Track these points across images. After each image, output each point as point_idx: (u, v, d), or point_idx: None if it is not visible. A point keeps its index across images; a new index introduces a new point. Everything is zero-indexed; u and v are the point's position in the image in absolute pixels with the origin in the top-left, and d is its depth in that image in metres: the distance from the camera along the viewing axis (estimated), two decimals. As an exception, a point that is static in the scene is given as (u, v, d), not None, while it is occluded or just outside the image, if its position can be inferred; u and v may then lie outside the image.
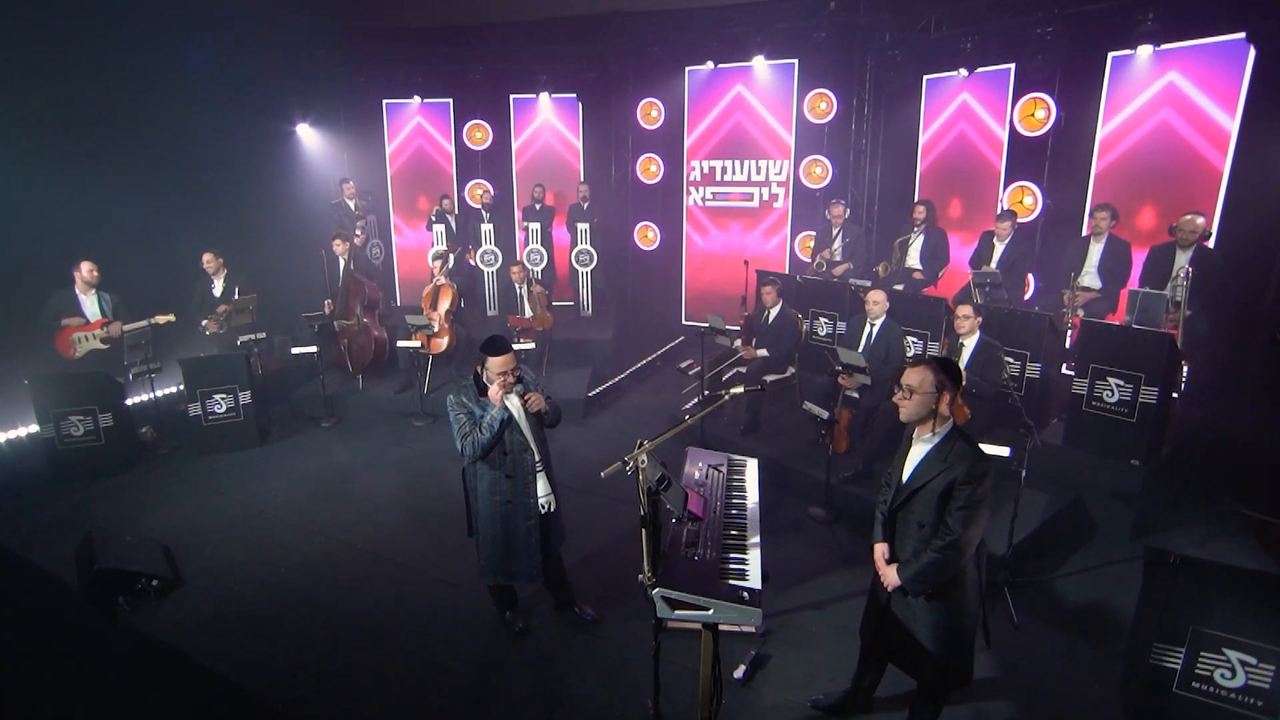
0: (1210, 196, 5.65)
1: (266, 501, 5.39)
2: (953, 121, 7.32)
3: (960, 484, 2.51)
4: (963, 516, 2.51)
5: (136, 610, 4.10)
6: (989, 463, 2.53)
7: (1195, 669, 2.89)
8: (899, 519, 2.77)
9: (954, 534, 2.52)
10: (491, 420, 3.32)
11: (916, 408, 2.64)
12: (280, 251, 8.21)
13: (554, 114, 9.30)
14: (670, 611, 2.39)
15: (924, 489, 2.63)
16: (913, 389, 2.64)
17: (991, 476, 2.54)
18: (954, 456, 2.56)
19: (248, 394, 6.24)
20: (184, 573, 4.47)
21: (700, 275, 9.42)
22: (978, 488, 2.50)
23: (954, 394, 2.62)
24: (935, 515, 2.59)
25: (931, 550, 2.57)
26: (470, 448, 3.34)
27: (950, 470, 2.55)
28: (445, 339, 7.07)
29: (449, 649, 3.76)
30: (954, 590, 2.66)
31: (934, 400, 2.61)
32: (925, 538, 2.63)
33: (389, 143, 9.37)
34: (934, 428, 2.65)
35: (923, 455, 2.67)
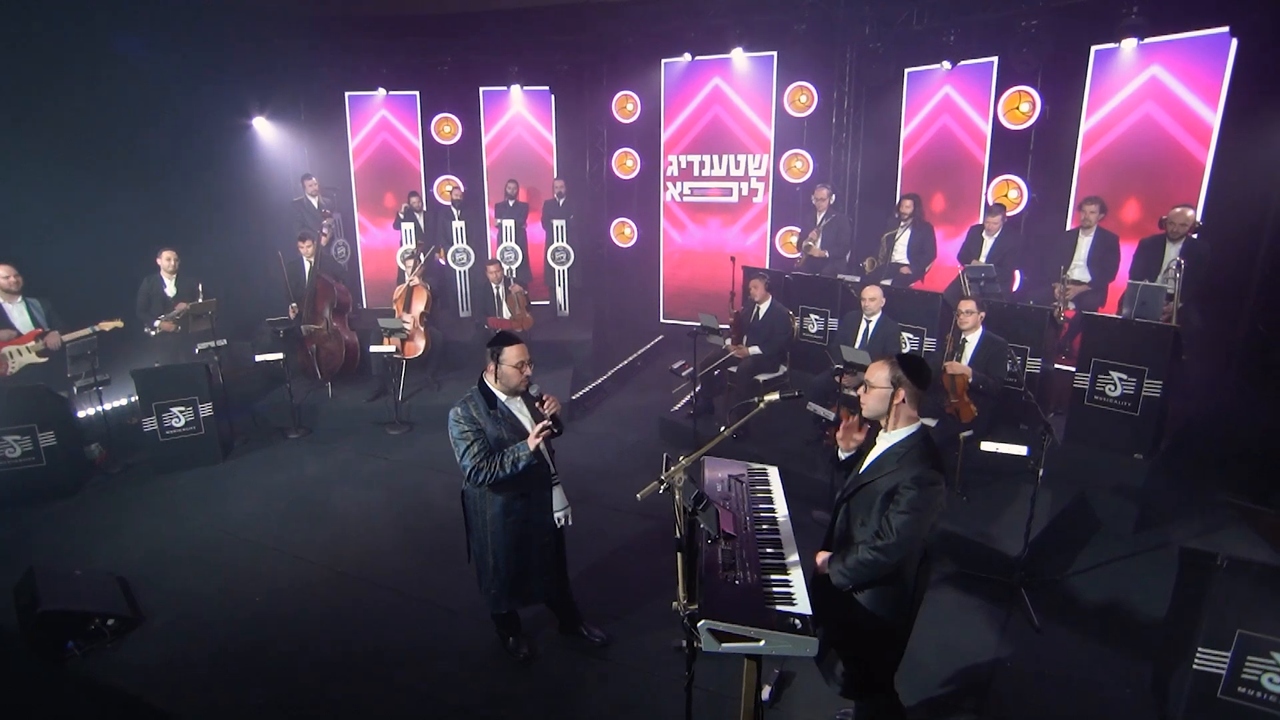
0: (1193, 189, 5.70)
1: (234, 523, 4.98)
2: (935, 115, 7.28)
3: (905, 487, 2.41)
4: (901, 520, 2.40)
5: (90, 654, 3.69)
6: (938, 474, 2.43)
7: (1242, 674, 2.80)
8: (843, 511, 2.68)
9: (888, 538, 2.42)
10: (517, 460, 3.04)
11: (872, 402, 2.56)
12: (238, 252, 7.70)
13: (526, 107, 8.98)
14: (717, 645, 2.17)
15: (869, 485, 2.54)
16: (869, 384, 2.57)
17: (940, 490, 2.44)
18: (908, 460, 2.45)
19: (208, 406, 5.79)
20: (144, 608, 4.06)
21: (678, 272, 9.23)
22: (919, 495, 2.38)
23: (913, 390, 2.50)
24: (876, 514, 2.49)
25: (865, 548, 2.48)
26: (485, 477, 3.04)
27: (898, 473, 2.44)
28: (421, 342, 6.73)
29: (451, 682, 3.47)
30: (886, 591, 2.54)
31: (889, 396, 2.51)
32: (862, 538, 2.53)
33: (352, 137, 8.91)
34: (893, 425, 2.54)
35: (880, 452, 2.58)
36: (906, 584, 2.54)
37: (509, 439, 3.11)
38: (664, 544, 4.66)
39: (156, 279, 6.25)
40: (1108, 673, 3.47)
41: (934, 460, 2.45)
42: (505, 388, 3.15)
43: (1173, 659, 3.12)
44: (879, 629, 2.56)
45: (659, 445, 6.22)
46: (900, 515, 2.40)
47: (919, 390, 2.51)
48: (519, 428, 3.16)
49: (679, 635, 3.66)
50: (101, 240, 6.34)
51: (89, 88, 6.33)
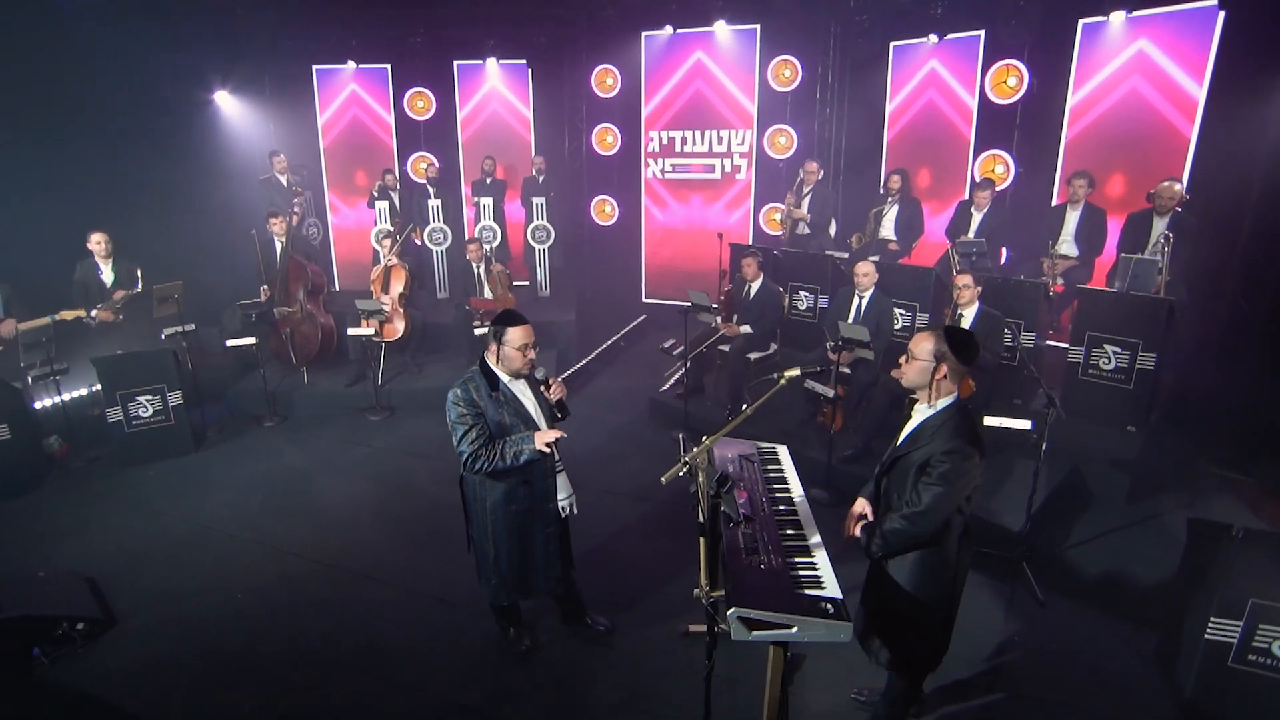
0: (1177, 164, 5.72)
1: (211, 516, 4.75)
2: (921, 89, 7.20)
3: (939, 459, 2.36)
4: (931, 492, 2.35)
5: (59, 661, 3.47)
6: (973, 448, 2.37)
7: (1253, 642, 2.82)
8: (884, 484, 2.64)
9: (917, 506, 2.38)
10: (519, 453, 2.88)
11: (913, 375, 2.50)
12: (203, 233, 7.33)
13: (502, 82, 8.68)
14: (747, 634, 2.08)
15: (905, 457, 2.50)
16: (912, 355, 2.51)
17: (974, 464, 2.38)
18: (944, 432, 2.40)
19: (178, 394, 5.50)
20: (117, 610, 3.84)
21: (660, 251, 9.08)
22: (952, 467, 2.34)
23: (955, 366, 2.43)
24: (909, 486, 2.45)
25: (894, 517, 2.44)
26: (483, 465, 2.89)
27: (934, 444, 2.39)
28: (400, 324, 6.49)
29: (450, 678, 3.34)
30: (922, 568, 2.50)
31: (930, 369, 2.44)
32: (897, 506, 2.50)
33: (320, 113, 8.50)
34: (931, 399, 2.48)
35: (916, 424, 2.54)
36: (947, 562, 2.49)
37: (511, 423, 2.96)
38: (661, 527, 4.59)
39: (90, 264, 5.87)
40: (1112, 644, 3.49)
41: (970, 434, 2.39)
42: (507, 370, 2.99)
43: (1180, 629, 3.14)
44: (918, 608, 2.51)
45: (649, 427, 6.13)
46: (931, 487, 2.35)
47: (962, 366, 2.43)
48: (522, 412, 3.01)
49: (685, 621, 3.61)
50: (56, 223, 5.96)
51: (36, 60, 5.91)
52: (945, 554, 2.48)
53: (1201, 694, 2.95)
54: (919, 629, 2.57)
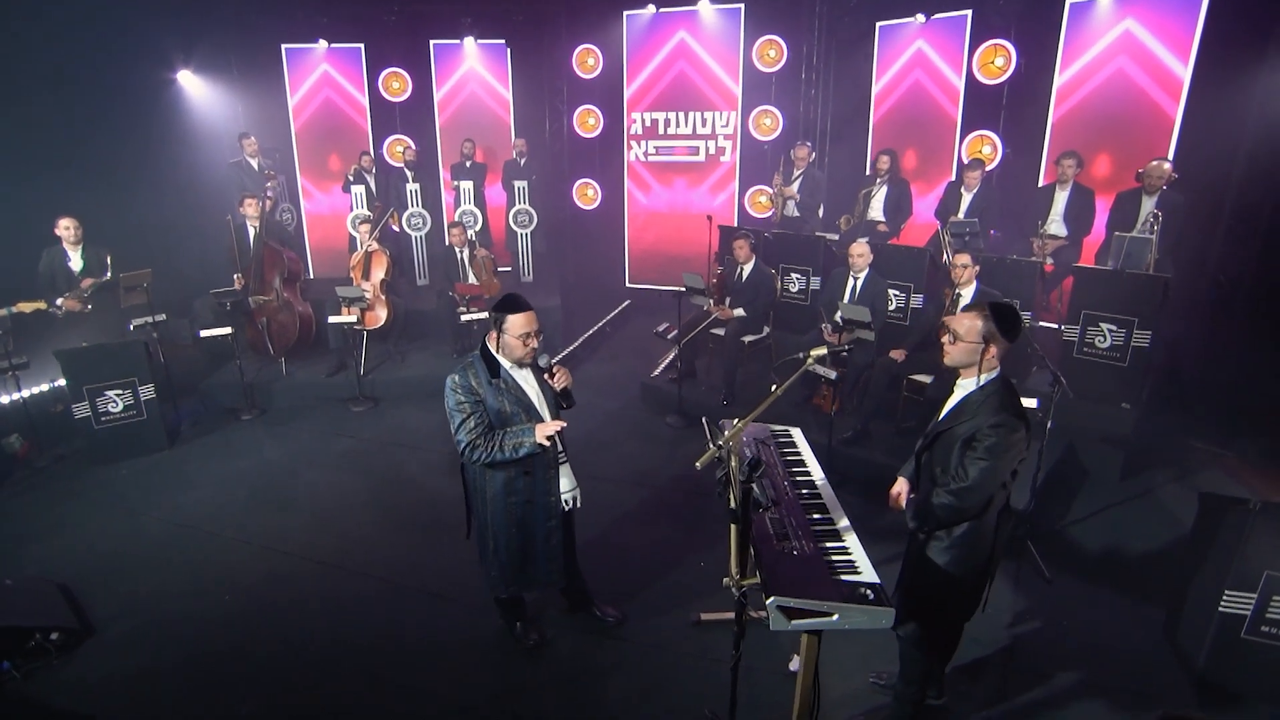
0: (1163, 144, 5.77)
1: (190, 515, 4.54)
2: (907, 70, 7.16)
3: (984, 433, 2.32)
4: (978, 467, 2.32)
5: (33, 675, 3.27)
6: (1019, 421, 2.33)
7: (1266, 613, 2.85)
8: (925, 460, 2.60)
9: (964, 480, 2.34)
10: (519, 445, 2.77)
11: (959, 355, 2.45)
12: (170, 219, 7.00)
13: (480, 62, 8.43)
14: (787, 623, 2.00)
15: (949, 432, 2.46)
16: (957, 335, 2.45)
17: (1021, 437, 2.35)
18: (988, 407, 2.36)
19: (150, 387, 5.24)
20: (94, 617, 3.62)
21: (644, 235, 8.95)
22: (998, 441, 2.30)
23: (1005, 346, 2.40)
24: (953, 462, 2.41)
25: (940, 493, 2.41)
26: (480, 455, 2.77)
27: (979, 418, 2.35)
28: (383, 312, 6.29)
29: (456, 676, 3.22)
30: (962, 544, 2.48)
31: (978, 350, 2.40)
32: (942, 483, 2.46)
33: (291, 94, 8.15)
34: (978, 375, 2.44)
35: (959, 400, 2.49)
36: (985, 538, 2.46)
37: (512, 412, 2.83)
38: (661, 514, 4.51)
39: (58, 251, 5.55)
40: (1119, 618, 3.52)
41: (1015, 407, 2.35)
42: (509, 358, 2.86)
43: (1189, 602, 3.16)
44: (951, 584, 2.48)
45: (642, 411, 6.03)
46: (977, 461, 2.30)
47: (1010, 344, 2.37)
48: (524, 400, 2.88)
49: (694, 609, 3.54)
50: (12, 211, 5.62)
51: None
52: (985, 529, 2.45)
53: (1214, 666, 2.98)
54: (949, 607, 2.54)
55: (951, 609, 2.56)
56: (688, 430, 5.61)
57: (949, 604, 2.55)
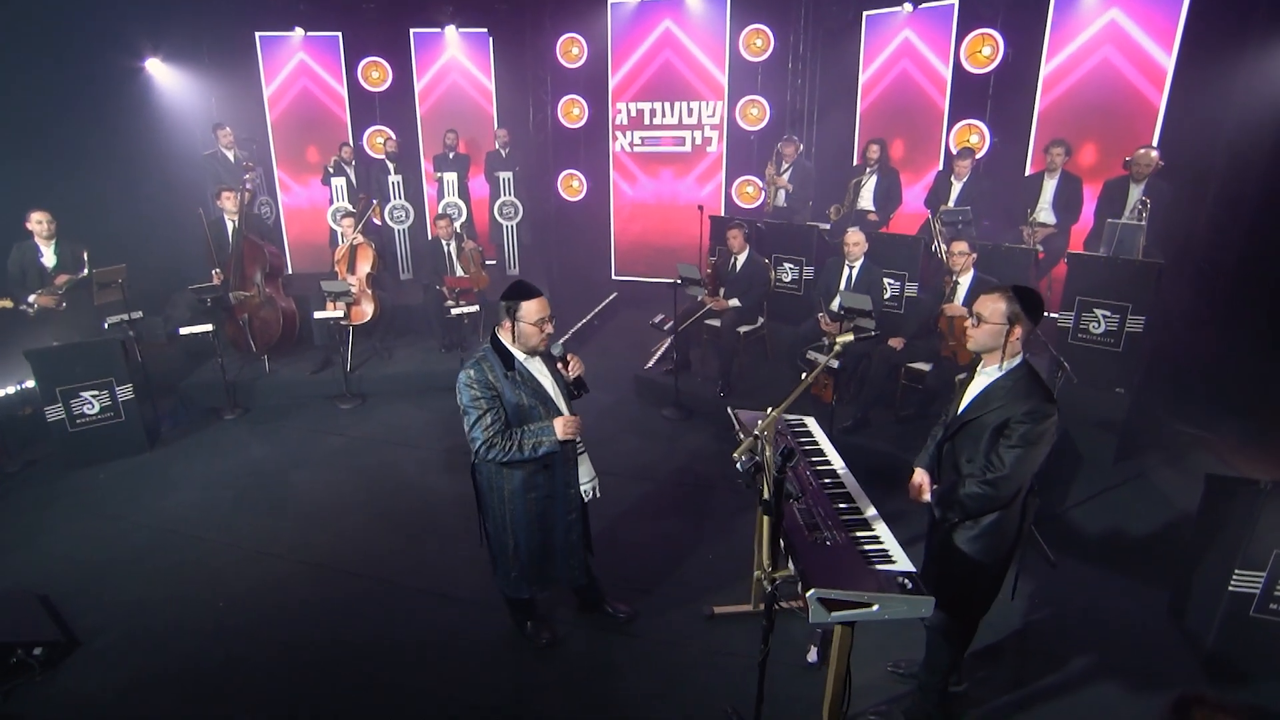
0: (1147, 133, 5.86)
1: (176, 519, 4.37)
2: (894, 59, 7.17)
3: (1017, 421, 2.30)
4: (1014, 455, 2.30)
5: (16, 693, 3.10)
6: (1052, 406, 2.33)
7: (1275, 591, 2.89)
8: (947, 450, 2.57)
9: (1000, 470, 2.32)
10: (539, 444, 2.69)
11: (984, 338, 2.42)
12: (142, 213, 6.74)
13: (462, 51, 8.25)
14: (826, 615, 1.96)
15: (976, 421, 2.42)
16: (982, 318, 2.42)
17: (1055, 420, 2.34)
18: (1016, 393, 2.35)
19: (128, 387, 5.04)
20: (78, 629, 3.46)
21: (630, 227, 8.86)
22: (1035, 427, 2.29)
23: (1030, 327, 2.39)
24: (983, 451, 2.39)
25: (972, 483, 2.38)
26: (498, 454, 2.68)
27: (1010, 406, 2.33)
28: (369, 306, 6.13)
29: (467, 679, 3.13)
30: (991, 531, 2.46)
31: (1004, 332, 2.38)
32: (970, 471, 2.44)
33: (266, 84, 7.88)
34: (1001, 361, 2.42)
35: (983, 387, 2.46)
36: (1012, 524, 2.44)
37: (530, 405, 2.75)
38: (665, 508, 4.46)
39: (29, 246, 5.29)
40: (1123, 600, 3.55)
41: (1045, 392, 2.33)
42: (524, 348, 2.78)
43: (1195, 582, 3.20)
44: (979, 572, 2.47)
45: (637, 405, 5.96)
46: (1013, 449, 2.28)
47: (1034, 325, 2.35)
48: (541, 392, 2.80)
49: (706, 603, 3.50)
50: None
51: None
52: (1011, 517, 2.44)
53: (1223, 644, 3.02)
54: (975, 595, 2.52)
55: (978, 598, 2.55)
56: (685, 423, 5.56)
57: (976, 593, 2.53)
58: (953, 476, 2.51)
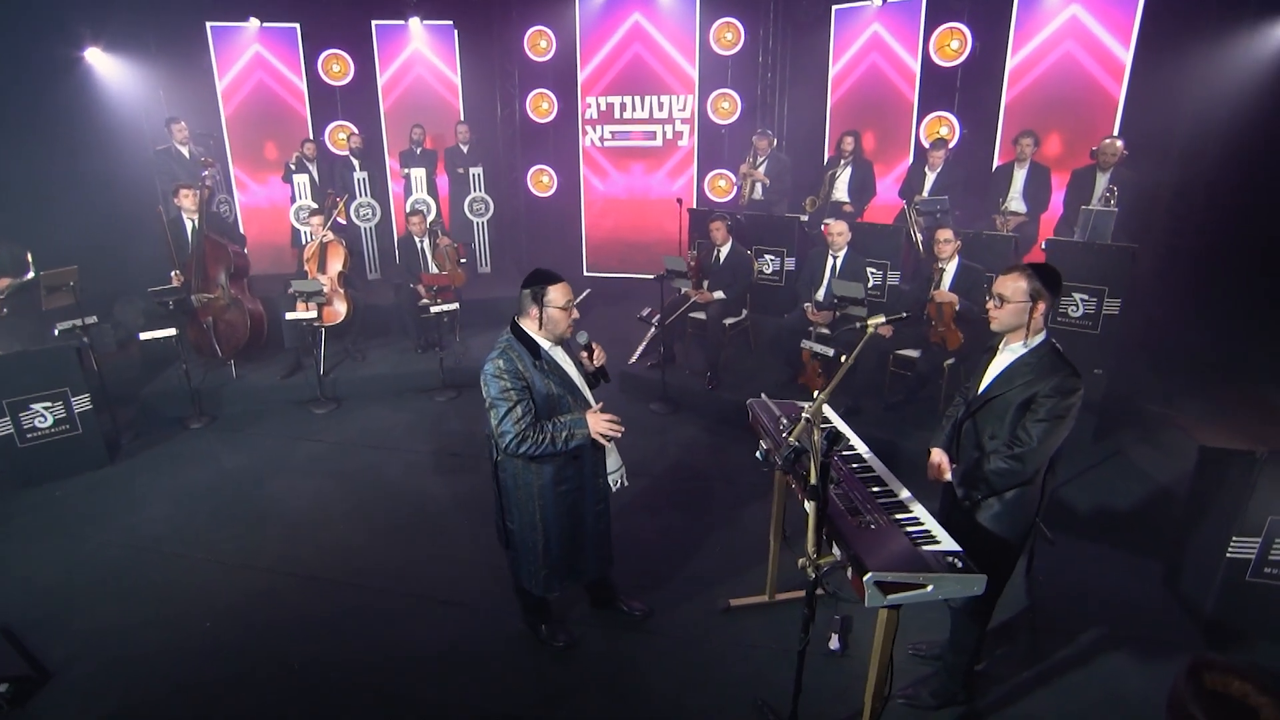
0: (1108, 123, 6.08)
1: (147, 536, 4.10)
2: (864, 53, 7.27)
3: (1044, 395, 2.35)
4: (1041, 429, 2.35)
5: (-15, 731, 2.86)
6: (1080, 380, 2.37)
7: (1270, 555, 3.01)
8: (967, 428, 2.60)
9: (1027, 445, 2.36)
10: (572, 437, 2.61)
11: (1008, 318, 2.45)
12: (86, 213, 6.32)
13: (426, 44, 8.01)
14: (883, 598, 1.94)
15: (1000, 398, 2.46)
16: (1004, 298, 2.44)
17: (1080, 394, 2.38)
18: (1044, 369, 2.39)
19: (85, 398, 4.71)
20: (49, 661, 3.20)
21: (601, 222, 8.77)
22: (1062, 401, 2.33)
23: (1052, 303, 2.43)
24: (1007, 427, 2.43)
25: (998, 458, 2.42)
26: (529, 448, 2.58)
27: (1036, 382, 2.37)
28: (342, 306, 5.90)
29: (485, 687, 3.00)
30: (1016, 507, 2.51)
31: (1027, 310, 2.41)
32: (995, 448, 2.47)
33: (220, 77, 7.49)
34: (1025, 338, 2.45)
35: (1007, 365, 2.49)
36: (1032, 500, 2.48)
37: (559, 394, 2.67)
38: (664, 502, 4.40)
39: None
40: (1119, 573, 3.66)
41: (1071, 367, 2.36)
42: (551, 335, 2.69)
43: (1190, 552, 3.32)
44: (1003, 547, 2.49)
45: (622, 400, 5.89)
46: (1040, 423, 2.31)
47: (1055, 300, 2.38)
48: (567, 381, 2.73)
49: (718, 596, 3.46)
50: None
51: None
52: (1033, 491, 2.47)
53: (1222, 609, 3.14)
54: (1000, 572, 2.54)
55: (1002, 573, 2.57)
56: (674, 416, 5.52)
57: (1000, 569, 2.55)
58: (973, 454, 2.53)
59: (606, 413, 2.70)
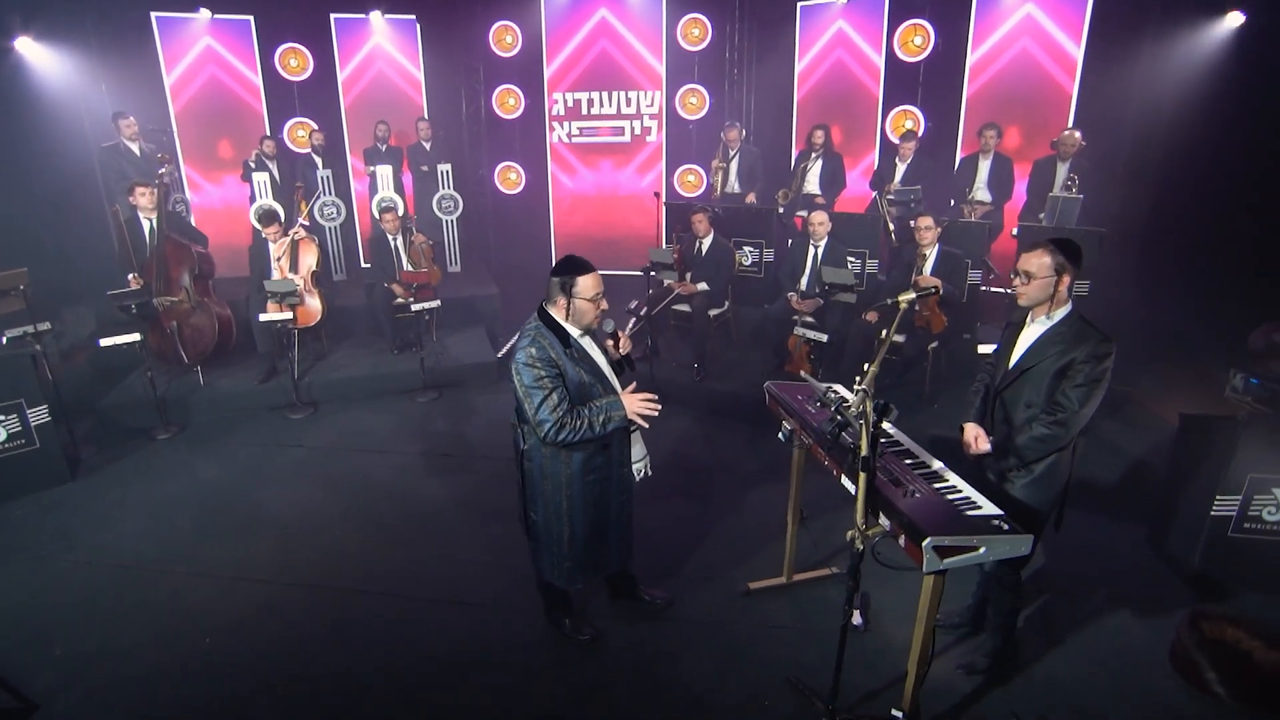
0: (1063, 116, 6.40)
1: (128, 553, 3.86)
2: (829, 49, 7.44)
3: (1081, 362, 2.46)
4: (1080, 394, 2.46)
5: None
6: (1112, 345, 2.48)
7: (1249, 511, 3.22)
8: (1002, 399, 2.69)
9: (1068, 410, 2.47)
10: (608, 420, 2.58)
11: (1035, 292, 2.55)
12: (28, 214, 5.91)
13: (388, 38, 7.80)
14: (940, 562, 1.99)
15: (1036, 368, 2.56)
16: (1030, 274, 2.54)
17: (1112, 360, 2.49)
18: (1074, 336, 2.50)
19: (43, 409, 4.40)
20: (34, 691, 2.96)
21: (570, 219, 8.72)
22: (1098, 366, 2.45)
23: (1076, 274, 2.54)
24: (1045, 394, 2.54)
25: (1040, 424, 2.52)
26: (567, 435, 2.53)
27: (1070, 350, 2.48)
28: (317, 305, 5.69)
29: (518, 688, 2.93)
30: (1051, 471, 2.62)
31: (1053, 284, 2.52)
32: (1032, 416, 2.57)
33: (167, 71, 7.10)
34: (1050, 310, 2.56)
35: (1038, 336, 2.59)
36: (1064, 467, 2.56)
37: (590, 382, 2.64)
38: (669, 491, 4.39)
39: None
40: (1106, 536, 3.85)
41: (1101, 333, 2.46)
42: (578, 325, 2.65)
43: (1180, 512, 3.51)
44: (1033, 515, 2.57)
45: (609, 396, 5.86)
46: (1078, 388, 2.41)
47: (1078, 271, 2.48)
48: (596, 369, 2.70)
49: (736, 580, 3.48)
50: None
51: None
52: (1065, 458, 2.57)
53: (1208, 564, 3.34)
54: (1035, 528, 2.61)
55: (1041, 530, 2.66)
56: (664, 408, 5.50)
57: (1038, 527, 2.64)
58: (1005, 428, 2.62)
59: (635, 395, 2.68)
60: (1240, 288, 5.19)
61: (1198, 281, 5.63)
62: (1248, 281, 5.17)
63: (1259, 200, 5.13)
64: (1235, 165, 5.25)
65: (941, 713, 2.73)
